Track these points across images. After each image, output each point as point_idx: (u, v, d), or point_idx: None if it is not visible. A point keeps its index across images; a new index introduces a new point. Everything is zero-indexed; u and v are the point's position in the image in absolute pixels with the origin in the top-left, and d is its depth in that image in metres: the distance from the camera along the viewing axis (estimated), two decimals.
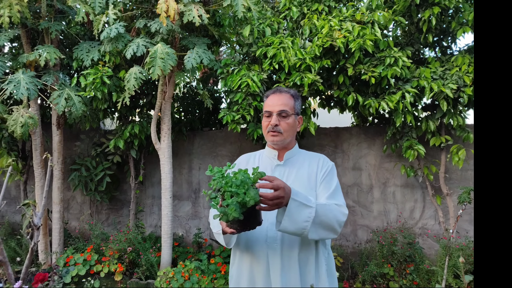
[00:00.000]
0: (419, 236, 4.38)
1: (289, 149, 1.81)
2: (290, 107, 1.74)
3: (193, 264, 3.76)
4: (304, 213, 1.45)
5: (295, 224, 1.45)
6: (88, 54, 3.64)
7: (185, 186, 4.99)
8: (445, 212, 4.24)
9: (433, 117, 3.92)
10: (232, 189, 1.31)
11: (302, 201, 1.45)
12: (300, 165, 1.77)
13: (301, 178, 1.72)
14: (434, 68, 3.79)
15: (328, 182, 1.71)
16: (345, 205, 1.66)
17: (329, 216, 1.53)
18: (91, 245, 4.20)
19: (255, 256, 1.65)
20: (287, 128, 1.73)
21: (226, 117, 3.80)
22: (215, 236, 1.68)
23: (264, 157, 1.84)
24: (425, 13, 3.59)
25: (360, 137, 4.62)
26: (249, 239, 1.67)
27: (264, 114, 1.77)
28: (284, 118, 1.73)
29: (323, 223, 1.51)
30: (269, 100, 1.79)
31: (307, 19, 3.86)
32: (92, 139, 4.92)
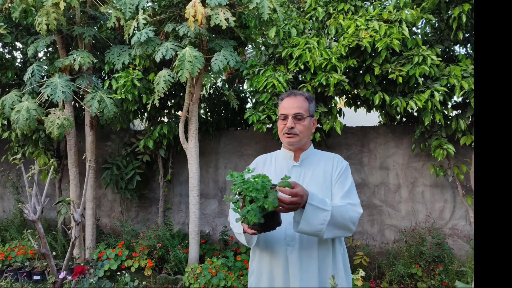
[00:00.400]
0: (449, 237, 4.30)
1: (305, 150, 1.85)
2: (305, 109, 1.79)
3: (220, 261, 3.85)
4: (320, 216, 1.53)
5: (311, 226, 1.53)
6: (119, 57, 3.77)
7: (211, 185, 5.08)
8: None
9: (464, 116, 3.83)
10: (253, 194, 1.36)
11: (318, 205, 1.52)
12: (315, 165, 1.82)
13: (316, 178, 1.77)
14: (464, 66, 3.69)
15: (343, 181, 1.76)
16: (359, 203, 1.72)
17: (344, 217, 1.60)
18: (122, 241, 4.36)
19: (274, 254, 1.72)
20: (303, 130, 1.78)
21: (252, 117, 3.85)
22: (236, 236, 1.76)
23: (280, 158, 1.89)
24: (455, 10, 3.50)
25: (387, 136, 4.57)
26: (268, 238, 1.73)
27: (280, 117, 1.82)
28: (299, 121, 1.77)
29: (338, 224, 1.58)
30: (284, 103, 1.83)
31: (333, 19, 3.85)
32: (122, 139, 5.09)
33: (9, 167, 5.71)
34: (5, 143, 5.14)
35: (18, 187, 5.24)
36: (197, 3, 3.20)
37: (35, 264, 4.20)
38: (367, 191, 4.55)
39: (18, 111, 3.51)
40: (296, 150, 1.84)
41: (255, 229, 1.47)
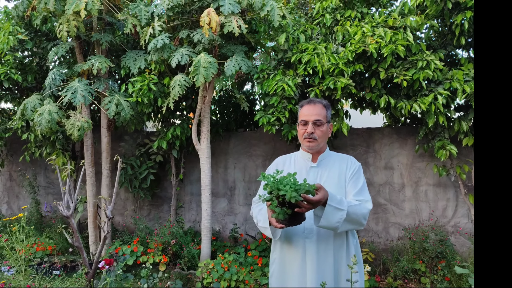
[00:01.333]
0: (452, 234, 4.45)
1: (322, 152, 2.08)
2: (323, 116, 2.00)
3: (232, 257, 4.02)
4: (337, 215, 1.76)
5: (329, 223, 1.77)
6: (135, 62, 3.94)
7: (221, 184, 5.26)
8: None
9: (466, 118, 3.98)
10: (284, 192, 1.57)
11: (336, 205, 1.75)
12: (331, 166, 2.04)
13: (332, 178, 1.99)
14: (467, 70, 3.84)
15: (356, 180, 1.98)
16: (370, 200, 1.94)
17: (357, 213, 1.82)
18: (137, 237, 4.55)
19: (294, 245, 1.95)
20: (321, 135, 2.00)
21: (262, 119, 4.02)
22: (261, 229, 1.99)
23: (299, 159, 2.12)
24: (458, 17, 3.66)
25: (392, 137, 4.73)
26: (289, 231, 1.96)
27: (300, 123, 2.04)
28: (318, 127, 2.00)
29: (352, 220, 1.81)
30: (304, 110, 2.04)
31: (340, 25, 4.01)
32: (135, 140, 5.27)
33: (25, 167, 5.90)
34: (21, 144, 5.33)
35: (34, 186, 5.42)
36: (211, 12, 3.37)
37: (54, 259, 4.39)
38: (372, 190, 4.71)
39: (40, 113, 3.69)
40: (314, 152, 2.05)
41: (283, 224, 1.68)
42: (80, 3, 3.48)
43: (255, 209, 2.09)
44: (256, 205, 2.12)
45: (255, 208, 2.09)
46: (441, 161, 4.20)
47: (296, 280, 1.93)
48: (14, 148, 5.90)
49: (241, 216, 5.19)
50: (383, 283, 4.18)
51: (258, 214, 2.01)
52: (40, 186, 5.83)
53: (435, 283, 3.93)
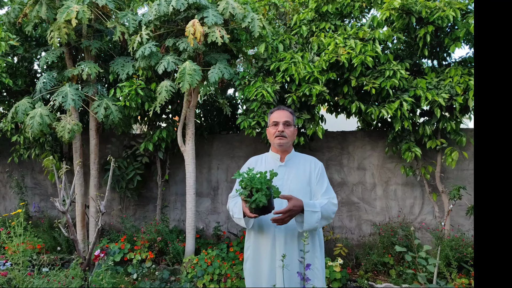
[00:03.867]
0: (418, 230, 4.82)
1: (289, 152, 2.39)
2: (291, 119, 2.36)
3: (215, 252, 4.28)
4: (314, 217, 2.09)
5: (310, 225, 2.09)
6: (123, 68, 4.18)
7: (205, 184, 5.51)
8: (441, 208, 4.69)
9: (429, 123, 4.36)
10: (258, 185, 1.87)
11: (312, 209, 2.09)
12: (297, 165, 2.35)
13: (298, 176, 2.30)
14: (430, 79, 4.23)
15: (321, 180, 2.31)
16: (335, 196, 2.28)
17: (328, 212, 2.18)
18: (124, 235, 4.75)
19: (265, 234, 2.26)
20: (290, 134, 2.34)
21: (243, 123, 4.30)
22: (236, 220, 2.29)
23: (269, 159, 2.43)
24: (421, 31, 4.04)
25: (364, 140, 5.08)
26: (261, 221, 2.26)
27: (272, 123, 2.35)
28: (288, 127, 2.33)
29: (325, 217, 2.18)
30: (275, 114, 2.38)
31: (315, 36, 4.35)
32: (123, 142, 5.47)
33: (12, 168, 6.02)
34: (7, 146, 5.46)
35: (22, 187, 5.55)
36: (196, 23, 3.65)
37: (42, 258, 4.54)
38: (346, 189, 5.05)
39: (32, 117, 3.88)
40: (283, 152, 2.36)
41: (256, 213, 1.98)
42: (71, 12, 3.70)
43: (231, 203, 2.38)
44: (231, 200, 2.41)
45: (231, 203, 2.38)
46: (408, 162, 4.57)
47: (267, 262, 2.23)
48: (0, 149, 6.02)
49: (224, 215, 5.45)
50: (355, 275, 4.51)
51: (234, 207, 2.29)
52: (27, 187, 5.96)
53: (401, 274, 4.28)
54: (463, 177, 4.74)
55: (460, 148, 4.56)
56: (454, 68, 4.19)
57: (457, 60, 4.55)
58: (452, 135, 4.37)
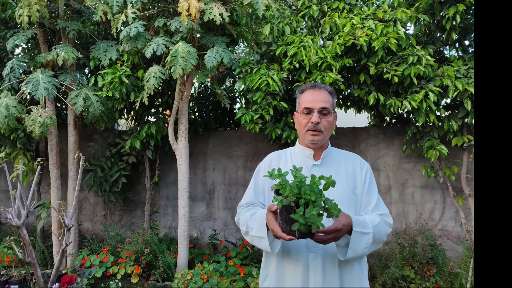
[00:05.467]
0: (439, 238, 4.30)
1: (325, 147, 1.74)
2: (330, 104, 1.68)
3: (212, 266, 3.71)
4: (363, 241, 1.48)
5: (356, 253, 1.48)
6: (106, 53, 3.59)
7: (199, 187, 4.94)
8: (466, 213, 4.16)
9: (456, 117, 3.84)
10: (311, 197, 1.27)
11: (362, 230, 1.48)
12: (337, 165, 1.71)
13: (340, 180, 1.63)
14: (457, 67, 3.70)
15: (371, 190, 1.68)
16: (388, 212, 1.65)
17: (381, 234, 1.56)
18: (107, 246, 4.16)
19: (294, 260, 1.60)
20: (328, 126, 1.66)
21: (244, 117, 3.74)
22: (253, 240, 1.62)
23: (298, 156, 1.76)
24: (450, 11, 3.51)
25: (378, 137, 4.55)
26: (289, 243, 1.60)
27: (303, 111, 1.67)
28: (325, 116, 1.65)
29: (376, 242, 1.54)
30: (308, 96, 1.69)
31: (327, 17, 3.79)
32: (106, 139, 4.88)
33: None
34: None
35: None
36: None
37: (12, 272, 3.94)
38: None
39: None
40: (317, 148, 1.71)
41: (293, 234, 1.35)
42: None
43: (244, 214, 1.72)
44: (245, 210, 1.76)
45: (244, 213, 1.73)
46: (432, 161, 4.04)
47: None
48: None
49: (220, 221, 4.88)
50: None
51: (251, 221, 1.63)
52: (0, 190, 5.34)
53: None
54: None
55: None
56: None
57: None
58: None
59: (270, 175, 1.39)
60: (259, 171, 1.82)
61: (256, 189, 1.78)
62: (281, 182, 1.36)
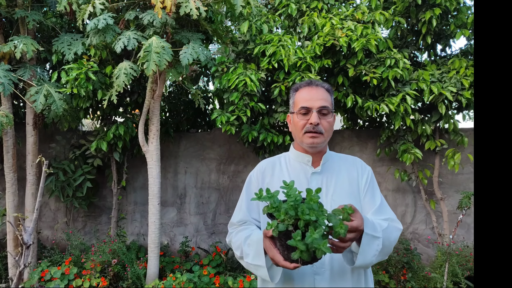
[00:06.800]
0: (410, 241, 4.32)
1: (324, 152, 1.54)
2: (329, 103, 1.50)
3: (185, 277, 3.49)
4: (374, 246, 1.27)
5: (365, 260, 1.27)
6: (70, 47, 3.32)
7: (170, 191, 4.70)
8: (437, 217, 4.20)
9: (429, 121, 3.87)
10: (311, 216, 1.06)
11: (372, 233, 1.26)
12: (338, 171, 1.52)
13: (342, 188, 1.48)
14: (431, 71, 3.74)
15: (373, 192, 1.50)
16: (395, 216, 1.47)
17: (390, 239, 1.35)
18: (69, 257, 3.84)
19: (298, 285, 1.39)
20: (328, 127, 1.47)
21: (219, 118, 3.58)
22: (248, 267, 1.40)
23: (294, 163, 1.56)
24: (426, 14, 3.53)
25: (352, 140, 4.52)
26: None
27: (299, 111, 1.47)
28: (324, 116, 1.46)
29: (385, 249, 1.32)
30: (305, 94, 1.49)
31: (306, 16, 3.71)
32: (69, 140, 4.53)
33: None
34: None
35: None
36: None
37: None
38: None
39: None
40: (315, 153, 1.52)
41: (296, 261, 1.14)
42: None
43: (237, 236, 1.50)
44: (237, 231, 1.53)
45: (237, 235, 1.50)
46: (407, 165, 4.04)
47: None
48: None
49: (192, 227, 4.67)
50: None
51: (245, 245, 1.41)
52: None
53: None
54: (458, 182, 4.30)
55: (459, 149, 4.10)
56: (458, 59, 3.72)
57: (457, 52, 4.10)
58: (452, 135, 3.90)
59: (258, 197, 1.18)
60: (251, 182, 1.60)
61: (248, 204, 1.56)
62: (272, 204, 1.15)
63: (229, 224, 1.62)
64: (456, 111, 4.00)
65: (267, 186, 1.49)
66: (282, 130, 4.19)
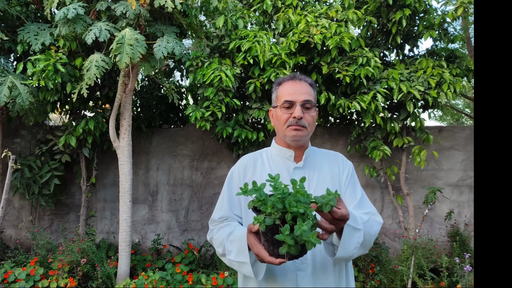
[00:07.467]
0: (378, 235, 4.44)
1: (306, 147, 1.54)
2: (313, 96, 1.50)
3: (157, 275, 3.43)
4: (354, 238, 1.27)
5: (346, 252, 1.27)
6: (37, 37, 3.17)
7: (141, 188, 4.60)
8: (403, 211, 4.35)
9: (397, 119, 4.00)
10: (299, 209, 1.05)
11: (353, 225, 1.25)
12: (320, 166, 1.52)
13: (324, 182, 1.48)
14: (400, 70, 3.86)
15: (353, 187, 1.51)
16: (376, 210, 1.49)
17: (371, 233, 1.35)
18: (35, 257, 3.68)
19: (279, 281, 1.37)
20: (311, 121, 1.47)
21: (194, 114, 3.54)
22: (231, 264, 1.38)
23: (276, 158, 1.55)
24: (397, 15, 3.64)
25: (324, 137, 4.60)
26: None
27: (283, 104, 1.46)
28: (308, 110, 1.46)
29: (366, 243, 1.32)
30: (288, 88, 1.49)
31: (281, 13, 3.74)
32: (35, 135, 4.34)
33: None
34: None
35: None
36: None
37: None
38: None
39: None
40: (297, 147, 1.52)
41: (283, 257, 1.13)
42: None
43: (219, 232, 1.47)
44: (219, 228, 1.50)
45: (219, 231, 1.47)
46: (376, 161, 4.16)
47: None
48: None
49: (164, 225, 4.60)
50: None
51: (227, 242, 1.38)
52: None
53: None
54: (423, 178, 4.48)
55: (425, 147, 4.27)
56: (425, 59, 3.87)
57: (424, 52, 4.26)
58: (418, 133, 4.05)
59: (244, 192, 1.15)
60: (232, 178, 1.57)
61: (230, 200, 1.54)
62: (259, 197, 1.12)
63: (210, 221, 1.59)
64: (422, 109, 4.15)
65: (249, 181, 1.48)
66: (256, 126, 4.20)
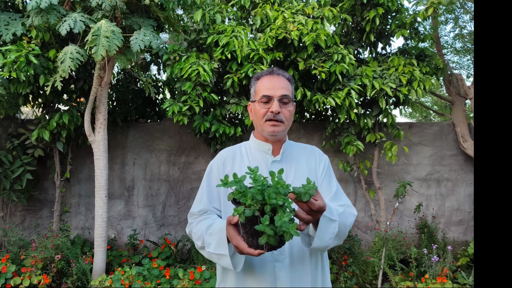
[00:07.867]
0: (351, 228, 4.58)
1: (284, 141, 1.57)
2: (290, 91, 1.54)
3: (134, 270, 3.42)
4: (330, 229, 1.31)
5: (322, 242, 1.30)
6: (8, 27, 3.08)
7: (117, 183, 4.55)
8: (375, 205, 4.49)
9: (370, 115, 4.12)
10: (278, 201, 1.08)
11: (329, 216, 1.29)
12: (297, 160, 1.56)
13: (301, 175, 1.51)
14: (373, 67, 3.98)
15: (329, 180, 1.55)
16: (351, 203, 1.54)
17: (345, 224, 1.39)
18: (7, 254, 3.58)
19: (258, 274, 1.40)
20: (289, 116, 1.51)
21: (171, 108, 3.53)
22: (210, 256, 1.40)
23: (254, 152, 1.58)
24: (370, 13, 3.75)
25: (299, 132, 4.68)
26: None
27: (261, 99, 1.49)
28: (285, 105, 1.49)
29: (341, 234, 1.37)
30: (266, 83, 1.52)
31: (259, 8, 3.77)
32: (6, 129, 4.20)
33: None
34: None
35: None
36: None
37: None
38: None
39: None
40: (275, 142, 1.54)
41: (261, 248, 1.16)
42: None
43: (198, 225, 1.48)
44: (198, 221, 1.51)
45: (198, 224, 1.48)
46: (350, 156, 4.27)
47: None
48: None
49: (140, 220, 4.57)
50: None
51: (206, 235, 1.40)
52: None
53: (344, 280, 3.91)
54: (394, 172, 4.64)
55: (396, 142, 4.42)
56: (397, 57, 4.00)
57: (396, 50, 4.40)
58: (390, 129, 4.19)
59: (224, 183, 1.18)
60: (211, 171, 1.59)
61: (209, 193, 1.56)
62: (239, 189, 1.15)
63: (189, 214, 1.61)
64: (393, 106, 4.29)
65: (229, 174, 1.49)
66: (233, 121, 4.23)
